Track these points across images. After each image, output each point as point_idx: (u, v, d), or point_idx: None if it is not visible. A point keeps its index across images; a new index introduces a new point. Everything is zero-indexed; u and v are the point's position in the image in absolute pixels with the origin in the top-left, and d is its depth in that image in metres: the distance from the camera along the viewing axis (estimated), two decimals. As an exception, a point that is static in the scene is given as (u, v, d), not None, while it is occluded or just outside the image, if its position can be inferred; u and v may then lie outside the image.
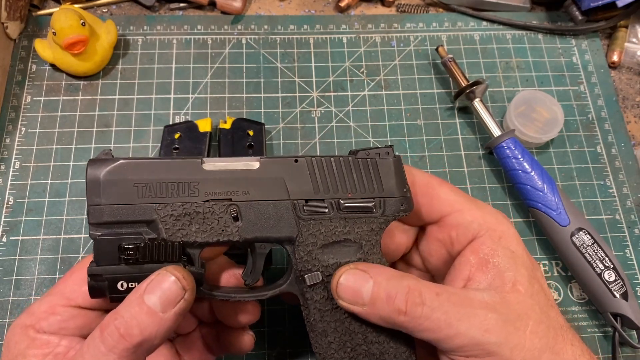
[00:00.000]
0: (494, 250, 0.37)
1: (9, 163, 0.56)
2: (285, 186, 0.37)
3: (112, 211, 0.35)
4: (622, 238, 0.56)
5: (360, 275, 0.36)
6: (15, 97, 0.59)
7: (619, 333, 0.49)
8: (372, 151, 0.39)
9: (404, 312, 0.34)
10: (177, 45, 0.63)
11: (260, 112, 0.60)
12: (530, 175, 0.53)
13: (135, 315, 0.32)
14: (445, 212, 0.39)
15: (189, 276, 0.34)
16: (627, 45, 0.65)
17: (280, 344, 0.50)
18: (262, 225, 0.37)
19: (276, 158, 0.38)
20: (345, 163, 0.38)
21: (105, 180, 0.35)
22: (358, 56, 0.64)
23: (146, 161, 0.36)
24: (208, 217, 0.36)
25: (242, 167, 0.37)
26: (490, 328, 0.33)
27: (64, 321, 0.36)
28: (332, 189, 0.38)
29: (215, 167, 0.37)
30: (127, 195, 0.35)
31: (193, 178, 0.36)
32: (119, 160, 0.35)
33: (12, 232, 0.53)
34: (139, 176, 0.36)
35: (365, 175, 0.38)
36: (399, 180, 0.39)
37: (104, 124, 0.59)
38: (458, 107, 0.62)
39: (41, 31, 0.63)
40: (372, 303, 0.35)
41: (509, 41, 0.66)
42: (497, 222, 0.38)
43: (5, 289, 0.51)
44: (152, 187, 0.35)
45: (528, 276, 0.36)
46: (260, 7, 0.67)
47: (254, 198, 0.37)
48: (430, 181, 0.40)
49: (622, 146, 0.60)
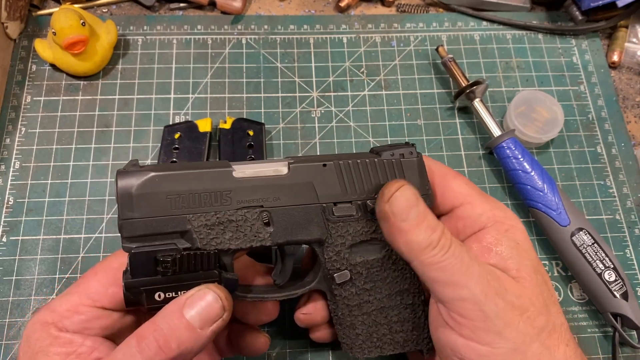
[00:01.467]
0: (498, 240, 0.37)
1: (9, 163, 0.56)
2: (315, 190, 0.38)
3: (146, 224, 0.35)
4: (622, 238, 0.56)
5: (415, 198, 0.35)
6: (15, 97, 0.59)
7: (619, 333, 0.49)
8: (395, 151, 0.40)
9: (437, 241, 0.34)
10: (177, 45, 0.63)
11: (260, 112, 0.60)
12: (530, 175, 0.53)
13: (175, 328, 0.31)
14: (457, 203, 0.40)
15: (229, 297, 0.34)
16: (627, 45, 0.65)
17: (280, 344, 0.50)
18: (292, 229, 0.37)
19: (304, 163, 0.38)
20: (371, 165, 0.39)
21: (138, 194, 0.35)
22: (358, 56, 0.64)
23: (177, 173, 0.36)
24: (241, 224, 0.36)
25: (272, 173, 0.37)
26: (490, 295, 0.34)
27: (87, 321, 0.35)
28: (359, 191, 0.38)
29: (246, 174, 0.37)
30: (160, 207, 0.35)
31: (225, 187, 0.36)
32: (150, 173, 0.35)
33: (12, 232, 0.53)
34: (171, 188, 0.35)
35: (390, 175, 0.39)
36: (422, 179, 0.40)
37: (104, 124, 0.59)
38: (458, 107, 0.62)
39: (41, 31, 0.63)
40: (417, 221, 0.35)
41: (509, 41, 0.66)
42: (505, 217, 0.38)
43: (5, 289, 0.51)
44: (185, 198, 0.35)
45: (532, 267, 0.36)
46: (260, 7, 0.67)
47: (285, 204, 0.37)
48: (445, 172, 0.41)
49: (622, 146, 0.60)
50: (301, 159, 0.38)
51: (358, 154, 0.40)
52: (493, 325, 0.33)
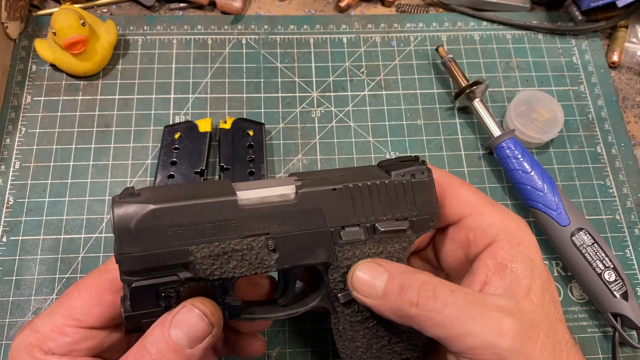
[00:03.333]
0: (512, 255, 0.36)
1: (9, 163, 0.56)
2: (323, 216, 0.37)
3: (146, 259, 0.33)
4: (622, 238, 0.56)
5: (376, 269, 0.36)
6: (15, 97, 0.59)
7: (619, 333, 0.49)
8: (406, 170, 0.38)
9: (416, 304, 0.33)
10: (177, 45, 0.63)
11: (260, 112, 0.60)
12: (530, 175, 0.53)
13: (163, 352, 0.31)
14: (465, 213, 0.39)
15: (216, 311, 0.33)
16: (627, 45, 0.65)
17: (281, 344, 0.50)
18: (299, 253, 0.36)
19: (313, 188, 0.36)
20: (381, 187, 0.38)
21: (137, 229, 0.32)
22: (358, 56, 0.64)
23: (179, 205, 0.33)
24: (246, 253, 0.35)
25: (279, 199, 0.36)
26: (505, 333, 0.32)
27: (74, 343, 0.34)
28: (367, 213, 0.37)
29: (251, 201, 0.35)
30: (161, 241, 0.33)
31: (230, 217, 0.35)
32: (149, 207, 0.33)
33: (12, 232, 0.53)
34: (172, 221, 0.33)
35: (399, 197, 0.38)
36: (432, 199, 0.39)
37: (104, 124, 0.59)
38: (458, 107, 0.62)
39: (41, 31, 0.63)
40: (385, 295, 0.35)
41: (509, 41, 0.66)
42: (517, 228, 0.37)
43: (5, 289, 0.51)
44: (187, 230, 0.34)
45: (542, 287, 0.35)
46: (260, 7, 0.67)
47: (292, 231, 0.36)
48: (451, 182, 0.40)
49: (622, 146, 0.60)
50: (309, 182, 0.37)
51: (366, 171, 0.39)
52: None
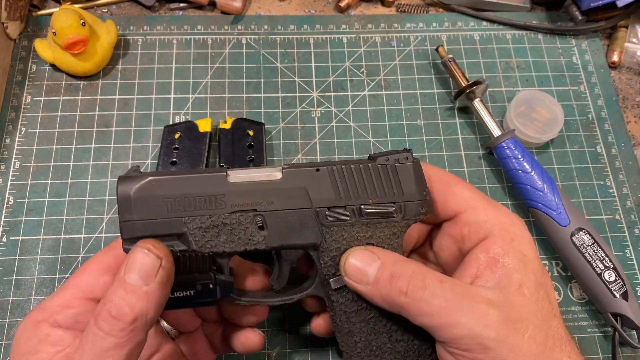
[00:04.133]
0: (505, 250, 0.37)
1: (9, 163, 0.56)
2: (308, 195, 0.38)
3: (144, 226, 0.36)
4: (622, 238, 0.56)
5: (369, 255, 0.37)
6: (15, 97, 0.59)
7: (619, 333, 0.49)
8: (391, 156, 0.40)
9: (405, 293, 0.34)
10: (177, 45, 0.63)
11: (260, 112, 0.60)
12: (530, 175, 0.53)
13: (122, 296, 0.32)
14: (460, 209, 0.39)
15: (159, 244, 0.34)
16: (627, 45, 0.65)
17: (281, 344, 0.50)
18: (287, 233, 0.38)
19: (298, 168, 0.39)
20: (365, 170, 0.39)
21: (136, 197, 0.36)
22: (358, 56, 0.64)
23: (173, 177, 0.37)
24: (235, 227, 0.37)
25: (266, 178, 0.38)
26: (490, 324, 0.33)
27: (79, 314, 0.35)
28: (353, 196, 0.39)
29: (239, 179, 0.38)
30: (157, 210, 0.36)
31: (219, 191, 0.37)
32: (148, 177, 0.37)
33: (12, 232, 0.53)
34: (167, 192, 0.37)
35: (385, 180, 0.39)
36: (418, 184, 0.40)
37: (104, 124, 0.59)
38: (458, 107, 0.62)
39: (41, 31, 0.63)
40: (376, 282, 0.36)
41: (509, 41, 0.66)
42: (512, 224, 0.38)
43: (5, 289, 0.51)
44: (180, 202, 0.37)
45: (535, 281, 0.36)
46: (260, 7, 0.67)
47: (278, 208, 0.38)
48: (446, 178, 0.41)
49: (622, 146, 0.60)
50: (295, 164, 0.39)
51: (354, 160, 0.40)
52: (496, 354, 0.33)
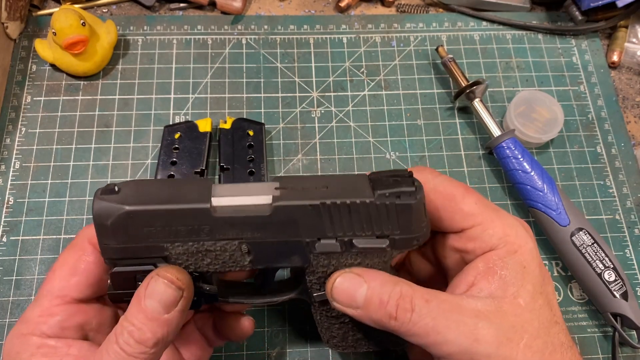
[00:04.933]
0: (505, 263, 0.36)
1: (9, 163, 0.56)
2: (298, 227, 0.36)
3: (124, 250, 0.35)
4: (622, 238, 0.56)
5: (355, 280, 0.36)
6: (16, 97, 0.59)
7: (619, 333, 0.49)
8: (391, 192, 0.35)
9: (394, 317, 0.35)
10: (177, 45, 0.63)
11: (260, 112, 0.60)
12: (530, 175, 0.53)
13: (144, 322, 0.32)
14: (466, 225, 0.38)
15: (181, 275, 0.34)
16: (627, 45, 0.65)
17: (280, 344, 0.50)
18: (273, 258, 0.37)
19: (289, 202, 0.35)
20: (362, 207, 0.35)
21: (114, 227, 0.34)
22: (358, 56, 0.64)
23: (152, 208, 0.34)
24: (220, 253, 0.36)
25: (253, 210, 0.35)
26: (480, 337, 0.33)
27: (63, 320, 0.35)
28: (346, 228, 0.36)
29: (224, 210, 0.34)
30: (137, 237, 0.34)
31: (202, 223, 0.35)
32: (124, 208, 0.33)
33: (12, 232, 0.53)
34: (147, 222, 0.34)
35: (381, 217, 0.36)
36: (418, 220, 0.36)
37: (104, 124, 0.59)
38: (458, 107, 0.62)
39: (41, 31, 0.63)
40: (366, 307, 0.36)
41: (509, 41, 0.66)
42: (516, 236, 0.37)
43: (5, 289, 0.51)
44: (161, 231, 0.34)
45: (533, 291, 0.36)
46: (260, 7, 0.67)
47: (265, 238, 0.36)
48: (452, 191, 0.38)
49: (622, 146, 0.60)
50: (287, 193, 0.35)
51: (352, 184, 0.36)
52: None
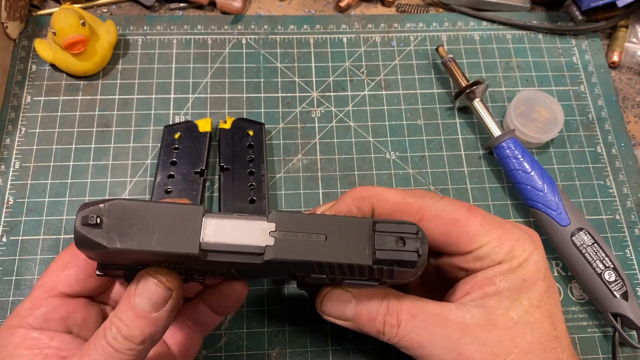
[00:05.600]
0: (505, 275, 0.35)
1: (9, 163, 0.56)
2: (290, 270, 0.35)
3: (109, 265, 0.35)
4: (622, 238, 0.56)
5: (344, 295, 0.37)
6: (15, 97, 0.59)
7: (619, 333, 0.49)
8: (392, 259, 0.31)
9: (382, 333, 0.36)
10: (177, 45, 0.63)
11: (260, 112, 0.60)
12: (530, 175, 0.53)
13: (132, 319, 0.33)
14: (473, 248, 0.36)
15: (172, 277, 0.34)
16: (627, 45, 0.65)
17: (281, 344, 0.50)
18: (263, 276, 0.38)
19: (284, 257, 0.31)
20: (359, 267, 0.32)
21: (97, 255, 0.33)
22: (358, 56, 0.64)
23: (136, 250, 0.31)
24: (208, 271, 0.36)
25: (246, 258, 0.32)
26: (463, 352, 0.33)
27: (48, 312, 0.36)
28: (338, 275, 0.34)
29: (215, 256, 0.32)
30: (122, 261, 0.34)
31: (192, 263, 0.33)
32: (106, 248, 0.30)
33: (12, 232, 0.53)
34: (133, 255, 0.31)
35: (376, 274, 0.34)
36: (414, 274, 0.34)
37: (104, 124, 0.59)
38: (458, 107, 0.62)
39: (41, 31, 0.63)
40: (356, 320, 0.37)
41: (509, 41, 0.66)
42: (522, 250, 0.36)
43: (5, 289, 0.51)
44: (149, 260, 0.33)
45: (528, 305, 0.35)
46: (260, 7, 0.67)
47: (256, 273, 0.37)
48: (456, 216, 0.36)
49: (622, 146, 0.60)
50: (282, 245, 0.31)
51: (354, 232, 0.32)
52: None
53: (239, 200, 0.53)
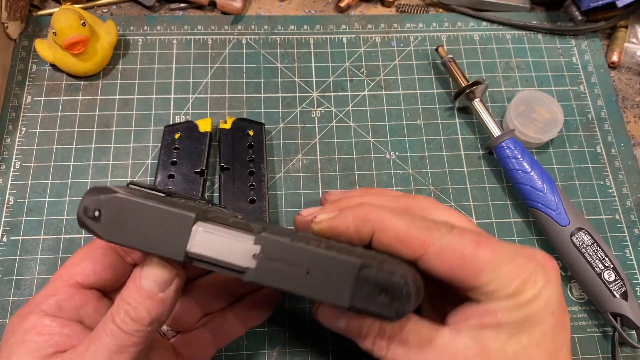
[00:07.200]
0: (509, 310, 0.34)
1: (9, 163, 0.56)
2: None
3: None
4: (622, 238, 0.56)
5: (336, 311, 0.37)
6: (16, 97, 0.59)
7: (618, 333, 0.49)
8: (369, 311, 0.31)
9: (371, 351, 0.36)
10: (177, 46, 0.63)
11: (260, 112, 0.60)
12: (530, 175, 0.53)
13: (139, 300, 0.33)
14: (479, 285, 0.34)
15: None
16: (627, 45, 0.65)
17: (281, 344, 0.50)
18: None
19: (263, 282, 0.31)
20: (337, 307, 0.33)
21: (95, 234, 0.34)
22: (358, 56, 0.64)
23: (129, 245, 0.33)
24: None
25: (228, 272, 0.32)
26: None
27: (61, 300, 0.36)
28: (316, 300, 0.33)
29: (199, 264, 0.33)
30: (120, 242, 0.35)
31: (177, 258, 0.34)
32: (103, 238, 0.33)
33: (12, 232, 0.53)
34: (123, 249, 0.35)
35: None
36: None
37: (104, 124, 0.59)
38: (458, 107, 0.62)
39: (41, 31, 0.63)
40: (347, 333, 0.37)
41: (508, 41, 0.66)
42: (533, 285, 0.34)
43: (5, 289, 0.51)
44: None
45: (528, 343, 0.33)
46: (260, 7, 0.67)
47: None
48: (463, 253, 0.34)
49: (622, 146, 0.60)
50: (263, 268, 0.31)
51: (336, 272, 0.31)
52: None
53: (239, 200, 0.53)
